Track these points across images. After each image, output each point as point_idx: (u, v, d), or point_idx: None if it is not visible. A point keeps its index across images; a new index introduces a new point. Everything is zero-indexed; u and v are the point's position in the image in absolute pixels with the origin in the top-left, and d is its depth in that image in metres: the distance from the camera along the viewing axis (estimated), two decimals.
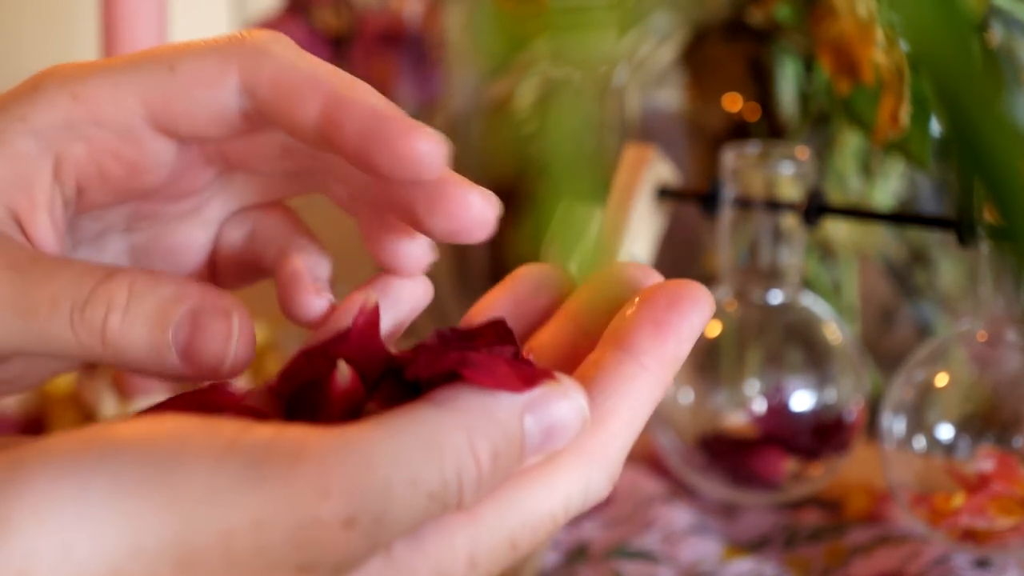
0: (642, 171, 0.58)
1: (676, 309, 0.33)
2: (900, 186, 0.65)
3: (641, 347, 0.33)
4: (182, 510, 0.27)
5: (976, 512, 0.51)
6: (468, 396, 0.30)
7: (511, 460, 0.30)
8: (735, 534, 0.58)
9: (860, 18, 0.55)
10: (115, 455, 0.27)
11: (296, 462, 0.27)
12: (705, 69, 0.67)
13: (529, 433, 0.30)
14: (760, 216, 0.57)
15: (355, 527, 0.27)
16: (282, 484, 0.27)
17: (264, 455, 0.27)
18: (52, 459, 0.27)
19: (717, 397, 0.59)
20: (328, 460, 0.27)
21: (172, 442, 0.28)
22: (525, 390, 0.30)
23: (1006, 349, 0.53)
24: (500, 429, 0.29)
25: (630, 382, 0.32)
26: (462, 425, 0.29)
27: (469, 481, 0.29)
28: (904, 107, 0.53)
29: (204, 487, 0.27)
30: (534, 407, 0.30)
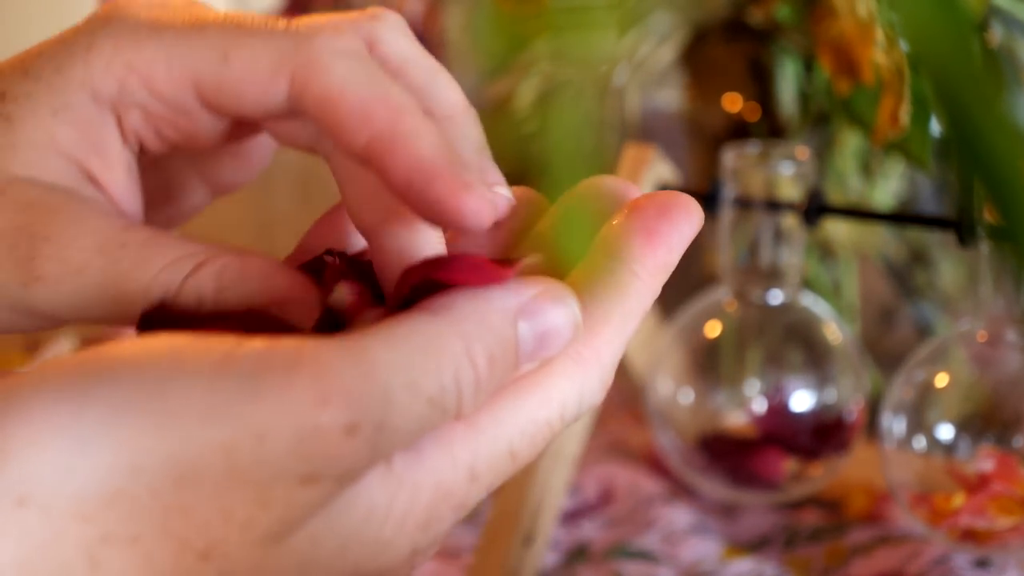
0: (642, 171, 0.58)
1: (667, 218, 0.33)
2: (900, 186, 0.65)
3: (632, 254, 0.32)
4: (181, 427, 0.27)
5: (976, 512, 0.51)
6: (462, 302, 0.30)
7: (507, 366, 0.30)
8: (735, 534, 0.58)
9: (860, 18, 0.55)
10: (111, 377, 0.27)
11: (293, 371, 0.27)
12: (705, 69, 0.67)
13: (523, 339, 0.30)
14: (760, 216, 0.57)
15: (356, 434, 0.27)
16: (280, 394, 0.27)
17: (260, 367, 0.27)
18: (47, 384, 0.27)
19: (717, 397, 0.59)
20: (325, 367, 0.27)
21: (167, 361, 0.27)
22: (509, 275, 0.30)
23: (1006, 349, 0.53)
24: (495, 334, 0.29)
25: (622, 289, 0.32)
26: (458, 332, 0.29)
27: (467, 386, 0.29)
28: (904, 107, 0.53)
29: (201, 403, 0.27)
30: (527, 312, 0.30)
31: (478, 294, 0.30)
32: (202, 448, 0.27)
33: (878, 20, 0.54)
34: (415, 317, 0.29)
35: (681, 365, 0.59)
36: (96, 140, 0.34)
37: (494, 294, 0.30)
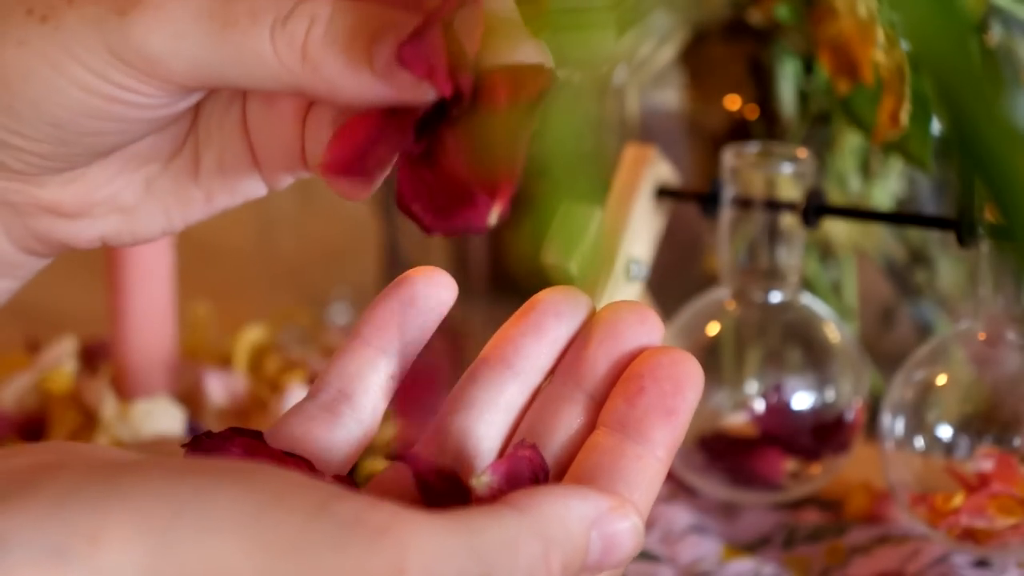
0: (642, 171, 0.58)
1: (682, 395, 0.35)
2: (900, 186, 0.65)
3: (655, 439, 0.34)
4: (266, 559, 0.27)
5: (976, 512, 0.51)
6: (548, 505, 0.31)
7: (573, 573, 0.31)
8: (735, 534, 0.58)
9: (860, 18, 0.55)
10: (212, 490, 0.28)
11: (381, 535, 0.28)
12: (705, 69, 0.67)
13: (592, 548, 0.31)
14: (760, 216, 0.57)
15: None
16: (364, 554, 0.28)
17: (352, 523, 0.28)
18: (150, 483, 0.28)
19: (717, 397, 0.59)
20: (409, 542, 0.28)
21: (268, 494, 0.28)
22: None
23: (1006, 349, 0.53)
24: (572, 542, 0.31)
25: (648, 475, 0.34)
26: (540, 534, 0.30)
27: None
28: (904, 107, 0.53)
29: (291, 541, 0.27)
30: (601, 523, 0.31)
31: (563, 499, 0.31)
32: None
33: (878, 20, 0.54)
34: (501, 510, 0.30)
35: None
36: None
37: (577, 502, 0.31)
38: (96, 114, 0.34)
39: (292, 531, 0.27)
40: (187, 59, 0.33)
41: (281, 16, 0.32)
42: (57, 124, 0.34)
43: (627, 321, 0.37)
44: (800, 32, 0.62)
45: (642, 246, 0.58)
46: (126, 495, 0.27)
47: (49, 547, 0.26)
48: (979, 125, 0.22)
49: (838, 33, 0.56)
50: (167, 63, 0.33)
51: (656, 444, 0.34)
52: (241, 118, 0.39)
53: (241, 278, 0.89)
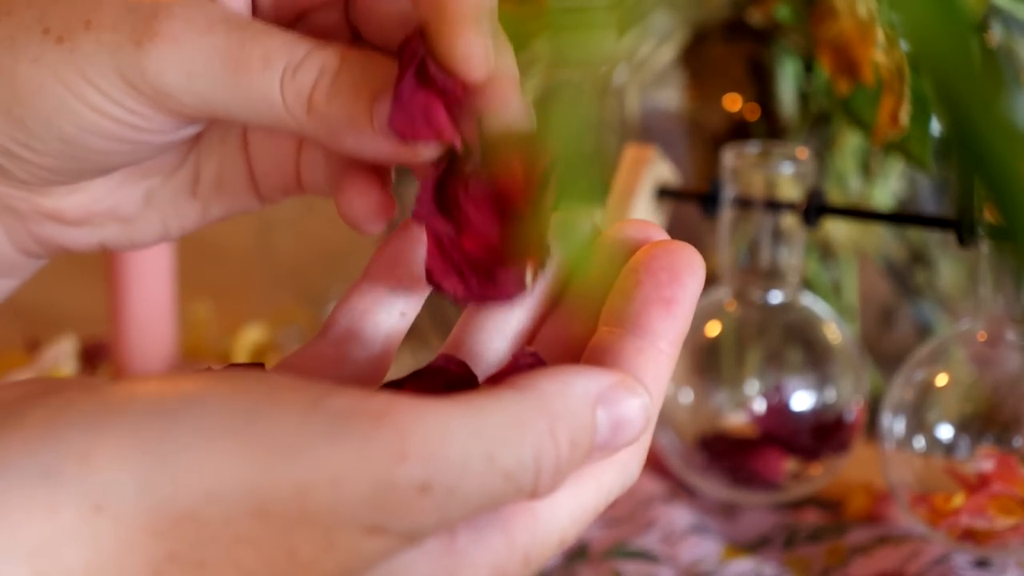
0: (642, 171, 0.58)
1: (680, 282, 0.34)
2: (900, 186, 0.65)
3: (656, 330, 0.33)
4: (262, 461, 0.27)
5: (976, 512, 0.51)
6: (547, 383, 0.30)
7: (584, 452, 0.30)
8: (735, 534, 0.58)
9: (860, 18, 0.55)
10: (200, 402, 0.28)
11: (377, 423, 0.27)
12: (705, 69, 0.67)
13: (600, 427, 0.30)
14: (760, 216, 0.57)
15: (429, 494, 0.27)
16: (362, 443, 0.27)
17: (347, 415, 0.28)
18: (138, 402, 0.28)
19: (717, 397, 0.59)
20: (408, 426, 0.28)
21: (258, 395, 0.28)
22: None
23: (1006, 349, 0.53)
24: (578, 418, 0.30)
25: (653, 369, 0.33)
26: (543, 410, 0.29)
27: (547, 467, 0.29)
28: (904, 107, 0.53)
29: (286, 441, 0.27)
30: (606, 401, 0.31)
31: (562, 376, 0.30)
32: (279, 483, 0.27)
33: (878, 20, 0.54)
34: (501, 391, 0.29)
35: (681, 365, 0.59)
36: None
37: (577, 378, 0.30)
38: (105, 134, 0.35)
39: (287, 429, 0.27)
40: (198, 95, 0.33)
41: (292, 65, 0.33)
42: (66, 140, 0.35)
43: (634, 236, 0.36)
44: (800, 32, 0.62)
45: None
46: (115, 412, 0.27)
47: (40, 469, 0.27)
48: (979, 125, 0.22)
49: (838, 33, 0.56)
50: (178, 97, 0.34)
51: (658, 335, 0.33)
52: (242, 138, 0.39)
53: (241, 278, 0.89)
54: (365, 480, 0.27)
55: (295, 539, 0.27)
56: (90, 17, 0.33)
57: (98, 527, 0.27)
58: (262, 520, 0.27)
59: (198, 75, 0.33)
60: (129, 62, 0.33)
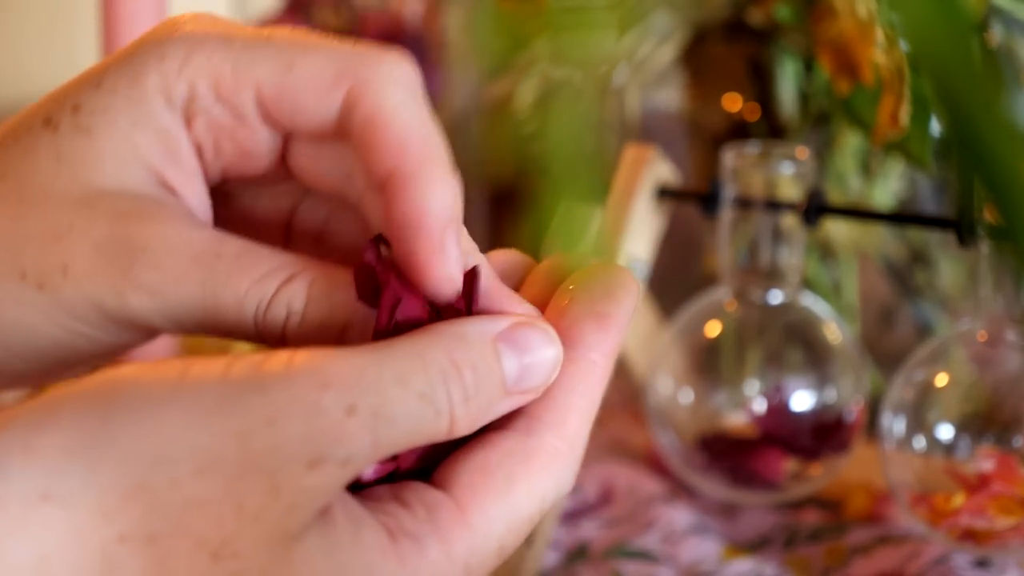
0: (642, 171, 0.58)
1: (613, 299, 0.35)
2: (900, 186, 0.65)
3: (588, 342, 0.34)
4: (198, 419, 0.28)
5: (976, 512, 0.51)
6: (441, 327, 0.32)
7: (493, 386, 0.32)
8: (735, 534, 0.58)
9: (860, 18, 0.55)
10: (131, 384, 0.29)
11: (292, 365, 0.29)
12: (705, 69, 0.67)
13: (507, 363, 0.32)
14: (760, 216, 0.57)
15: (356, 414, 0.29)
16: (284, 382, 0.29)
17: (261, 367, 0.29)
18: (76, 393, 0.29)
19: (717, 397, 0.59)
20: (323, 362, 0.29)
21: (178, 369, 0.29)
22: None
23: (1006, 349, 0.53)
24: (475, 349, 0.32)
25: (585, 378, 0.34)
26: (440, 344, 0.31)
27: (456, 389, 0.31)
28: (904, 107, 0.53)
29: (214, 398, 0.29)
30: (507, 339, 0.32)
31: (455, 321, 0.32)
32: (219, 435, 0.28)
33: (878, 20, 0.54)
34: (397, 338, 0.31)
35: (681, 365, 0.59)
36: (173, 150, 0.35)
37: (469, 320, 0.32)
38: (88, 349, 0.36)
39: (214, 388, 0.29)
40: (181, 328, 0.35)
41: (263, 304, 0.34)
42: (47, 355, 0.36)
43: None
44: (800, 32, 0.62)
45: (642, 246, 0.58)
46: (55, 404, 0.29)
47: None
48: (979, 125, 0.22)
49: (838, 33, 0.56)
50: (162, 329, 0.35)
51: (588, 347, 0.34)
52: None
53: None
54: (297, 413, 0.29)
55: (241, 491, 0.28)
56: (66, 262, 0.34)
57: (47, 516, 0.27)
58: (208, 476, 0.28)
59: (179, 317, 0.34)
60: (113, 308, 0.34)
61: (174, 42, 0.34)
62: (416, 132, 0.33)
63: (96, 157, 0.34)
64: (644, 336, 0.62)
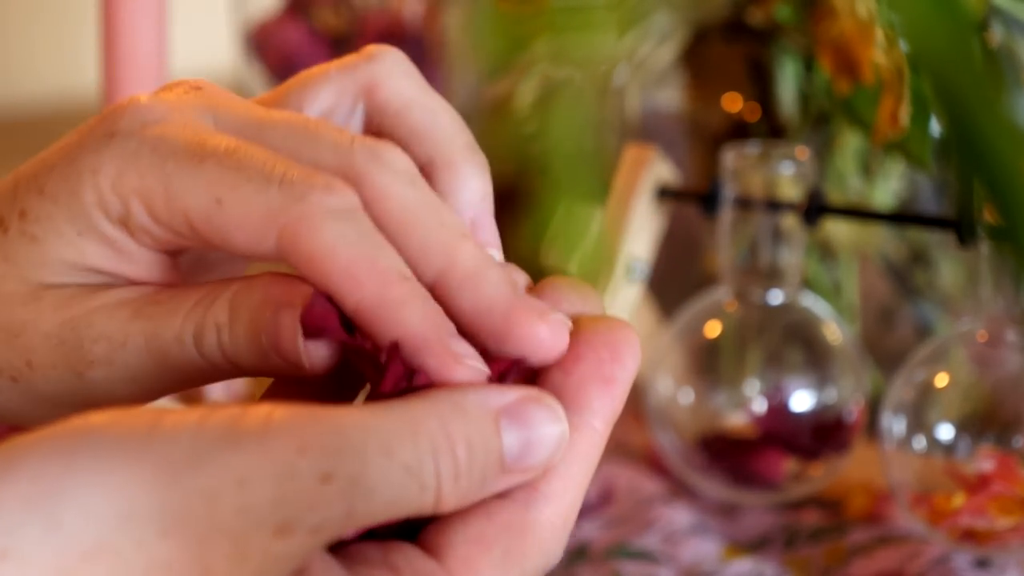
0: (642, 171, 0.58)
1: (621, 363, 0.33)
2: (900, 186, 0.65)
3: (593, 408, 0.33)
4: (166, 475, 0.27)
5: (976, 512, 0.51)
6: (440, 393, 0.30)
7: (489, 462, 0.30)
8: (735, 534, 0.58)
9: (860, 18, 0.55)
10: (99, 435, 0.28)
11: (270, 423, 0.28)
12: (705, 69, 0.67)
13: (508, 440, 0.31)
14: (760, 216, 0.57)
15: (332, 482, 0.28)
16: (260, 443, 0.28)
17: (238, 422, 0.28)
18: (38, 444, 0.27)
19: (717, 397, 0.59)
20: (303, 423, 0.28)
21: (148, 422, 0.28)
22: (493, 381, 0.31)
23: (1006, 349, 0.53)
24: (474, 424, 0.30)
25: (586, 449, 0.33)
26: (435, 413, 0.30)
27: (446, 466, 0.29)
28: (904, 107, 0.53)
29: (186, 452, 0.27)
30: (511, 415, 0.31)
31: (456, 388, 0.31)
32: (186, 495, 0.27)
33: (878, 20, 0.54)
34: (390, 401, 0.30)
35: (681, 365, 0.59)
36: (122, 252, 0.34)
37: (472, 390, 0.31)
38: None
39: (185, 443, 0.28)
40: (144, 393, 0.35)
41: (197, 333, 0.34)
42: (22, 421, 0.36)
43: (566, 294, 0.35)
44: (800, 32, 0.62)
45: (642, 246, 0.58)
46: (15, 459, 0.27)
47: None
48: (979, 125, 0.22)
49: (838, 33, 0.56)
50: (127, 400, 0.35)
51: (593, 413, 0.33)
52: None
53: None
54: (268, 476, 0.27)
55: (208, 554, 0.27)
56: (28, 357, 0.35)
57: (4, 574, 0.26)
58: (174, 537, 0.27)
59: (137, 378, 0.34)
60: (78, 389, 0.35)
61: (109, 153, 0.34)
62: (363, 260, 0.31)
63: (43, 262, 0.34)
64: (644, 336, 0.62)
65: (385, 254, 0.32)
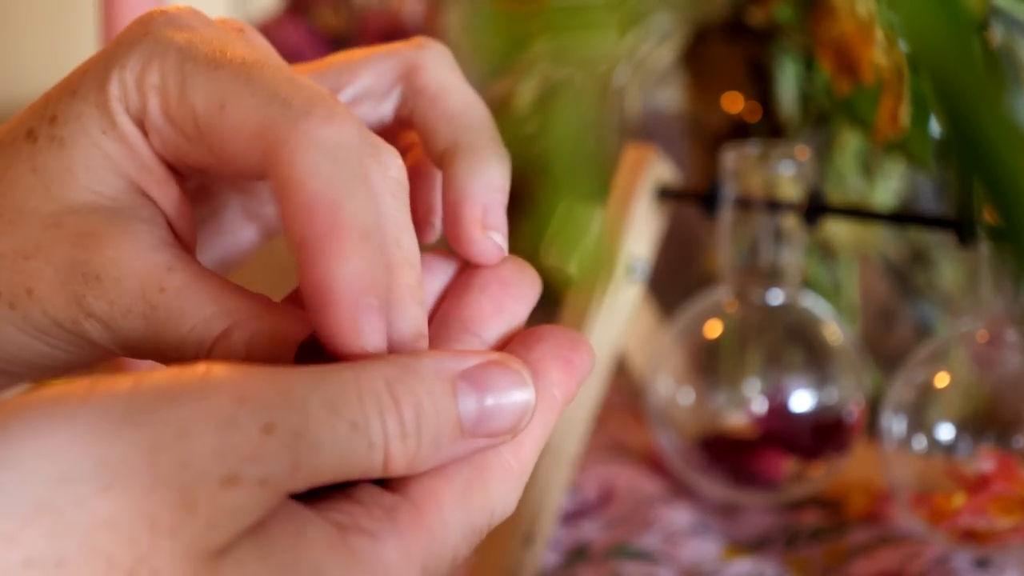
0: (642, 171, 0.58)
1: (579, 351, 0.35)
2: (900, 186, 0.65)
3: (553, 379, 0.34)
4: (105, 432, 0.27)
5: (976, 512, 0.51)
6: (391, 356, 0.31)
7: (442, 426, 0.30)
8: (735, 534, 0.58)
9: (860, 18, 0.55)
10: (34, 403, 0.27)
11: (208, 378, 0.28)
12: (705, 69, 0.67)
13: (465, 406, 0.31)
14: (760, 216, 0.57)
15: (273, 433, 0.28)
16: (198, 395, 0.28)
17: (177, 378, 0.28)
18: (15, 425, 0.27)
19: (717, 397, 0.59)
20: (242, 377, 0.28)
21: (84, 385, 0.28)
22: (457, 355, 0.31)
23: (1006, 349, 0.53)
24: (424, 384, 0.30)
25: (544, 408, 0.34)
26: (381, 373, 0.30)
27: (392, 425, 0.29)
28: (904, 107, 0.53)
29: (123, 410, 0.27)
30: (470, 377, 0.31)
31: (415, 353, 0.31)
32: (126, 451, 0.27)
33: (878, 20, 0.54)
34: (337, 363, 0.30)
35: (681, 365, 0.59)
36: (141, 157, 0.35)
37: (429, 353, 0.31)
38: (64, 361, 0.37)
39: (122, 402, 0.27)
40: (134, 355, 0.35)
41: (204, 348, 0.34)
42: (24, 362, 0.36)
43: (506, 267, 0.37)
44: (800, 32, 0.62)
45: (642, 246, 0.58)
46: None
47: None
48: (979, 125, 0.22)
49: (838, 33, 0.56)
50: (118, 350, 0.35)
51: (553, 384, 0.34)
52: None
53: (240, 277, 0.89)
54: (209, 427, 0.27)
55: (153, 507, 0.27)
56: (30, 285, 0.35)
57: None
58: (116, 494, 0.27)
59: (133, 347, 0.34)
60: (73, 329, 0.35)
61: (139, 49, 0.34)
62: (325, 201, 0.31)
63: (69, 169, 0.34)
64: (644, 336, 0.62)
65: (355, 204, 0.31)
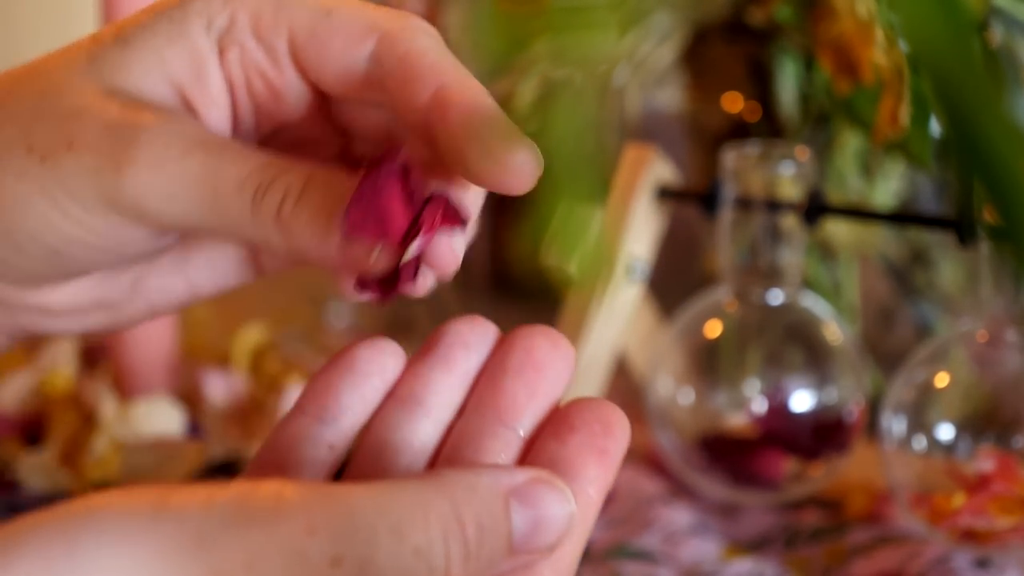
0: (642, 171, 0.58)
1: (613, 436, 0.34)
2: (900, 186, 0.65)
3: (588, 476, 0.34)
4: (174, 556, 0.27)
5: (976, 512, 0.51)
6: (451, 473, 0.30)
7: (497, 543, 0.30)
8: (735, 534, 0.58)
9: (860, 18, 0.55)
10: (101, 513, 0.27)
11: (280, 503, 0.28)
12: (705, 69, 0.67)
13: (516, 521, 0.31)
14: (760, 216, 0.57)
15: (341, 566, 0.27)
16: (269, 523, 0.27)
17: (247, 500, 0.28)
18: (42, 525, 0.27)
19: (717, 397, 0.59)
20: (313, 503, 0.28)
21: (154, 502, 0.27)
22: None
23: (1006, 349, 0.53)
24: (484, 505, 0.30)
25: (582, 512, 0.33)
26: (446, 495, 0.29)
27: (456, 549, 0.29)
28: (904, 107, 0.53)
29: (193, 532, 0.27)
30: (520, 496, 0.31)
31: (468, 469, 0.31)
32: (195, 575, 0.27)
33: (878, 20, 0.54)
34: (402, 479, 0.30)
35: (681, 365, 0.59)
36: (202, 71, 0.36)
37: (484, 470, 0.31)
38: (88, 246, 0.36)
39: (192, 523, 0.27)
40: (176, 215, 0.35)
41: (262, 188, 0.34)
42: (50, 250, 0.36)
43: (540, 347, 0.36)
44: (800, 32, 0.62)
45: (642, 246, 0.58)
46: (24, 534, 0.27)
47: None
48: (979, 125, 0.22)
49: (838, 33, 0.56)
50: (156, 216, 0.35)
51: (588, 481, 0.33)
52: None
53: None
54: (278, 558, 0.27)
55: None
56: (72, 138, 0.35)
57: None
58: None
59: (176, 198, 0.34)
60: (110, 185, 0.35)
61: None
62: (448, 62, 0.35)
63: (125, 64, 0.35)
64: (644, 336, 0.62)
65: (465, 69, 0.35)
